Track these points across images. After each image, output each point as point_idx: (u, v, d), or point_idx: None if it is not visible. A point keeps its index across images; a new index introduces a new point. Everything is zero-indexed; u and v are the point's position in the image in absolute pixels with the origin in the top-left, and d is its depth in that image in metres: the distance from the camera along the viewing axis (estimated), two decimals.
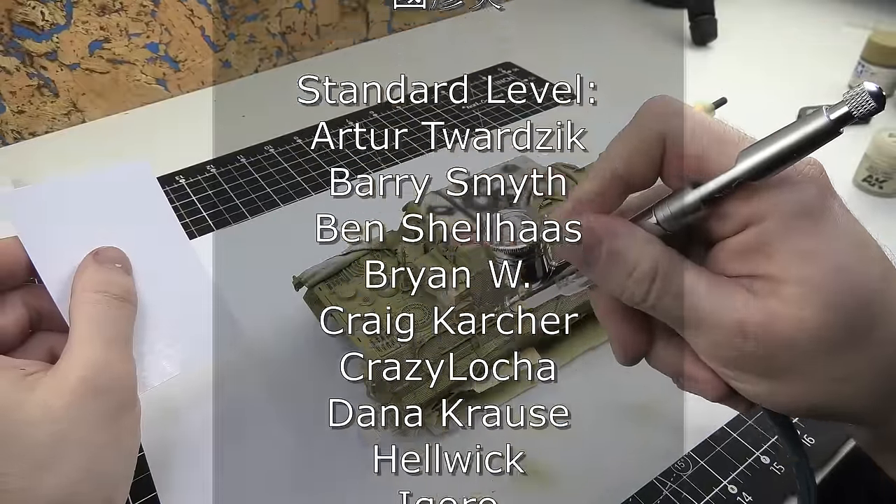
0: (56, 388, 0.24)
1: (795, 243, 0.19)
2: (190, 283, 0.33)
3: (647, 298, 0.21)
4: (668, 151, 0.21)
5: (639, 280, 0.21)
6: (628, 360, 0.24)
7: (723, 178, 0.20)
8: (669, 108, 0.21)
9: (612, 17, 0.90)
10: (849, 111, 0.18)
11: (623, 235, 0.21)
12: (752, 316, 0.20)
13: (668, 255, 0.21)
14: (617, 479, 0.34)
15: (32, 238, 0.28)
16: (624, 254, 0.21)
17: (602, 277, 0.22)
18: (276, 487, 0.35)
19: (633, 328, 0.23)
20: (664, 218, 0.21)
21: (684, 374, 0.23)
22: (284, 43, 0.79)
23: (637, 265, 0.21)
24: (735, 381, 0.21)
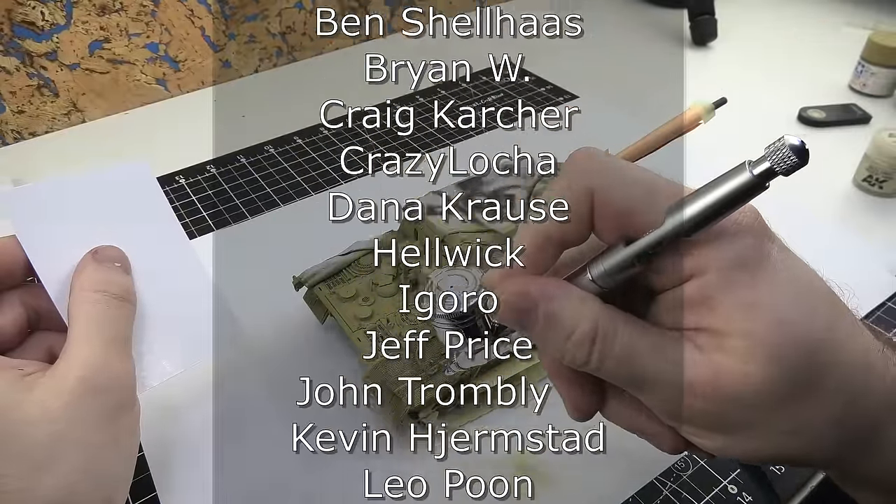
0: (54, 388, 0.24)
1: (736, 296, 0.19)
2: (189, 282, 0.33)
3: (590, 361, 0.20)
4: (596, 207, 0.20)
5: (578, 343, 0.20)
6: (581, 417, 0.24)
7: (652, 237, 0.19)
8: (594, 161, 0.21)
9: (612, 17, 0.90)
10: (770, 167, 0.17)
11: (558, 297, 0.20)
12: (698, 374, 0.19)
13: (606, 313, 0.20)
14: (617, 479, 0.34)
15: (30, 237, 0.28)
16: (561, 316, 0.20)
17: (541, 340, 0.21)
18: (276, 487, 0.35)
19: (582, 387, 0.23)
20: (599, 275, 0.21)
21: (638, 430, 0.23)
22: (284, 43, 0.79)
23: (575, 327, 0.20)
24: (690, 435, 0.21)
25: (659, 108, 0.56)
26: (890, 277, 0.45)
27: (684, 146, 0.51)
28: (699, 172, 0.23)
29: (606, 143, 0.48)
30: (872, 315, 0.43)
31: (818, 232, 0.50)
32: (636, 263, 0.20)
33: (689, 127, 0.47)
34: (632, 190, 0.20)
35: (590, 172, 0.20)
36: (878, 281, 0.45)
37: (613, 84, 0.73)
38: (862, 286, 0.42)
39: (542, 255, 0.21)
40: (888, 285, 0.45)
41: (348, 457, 0.36)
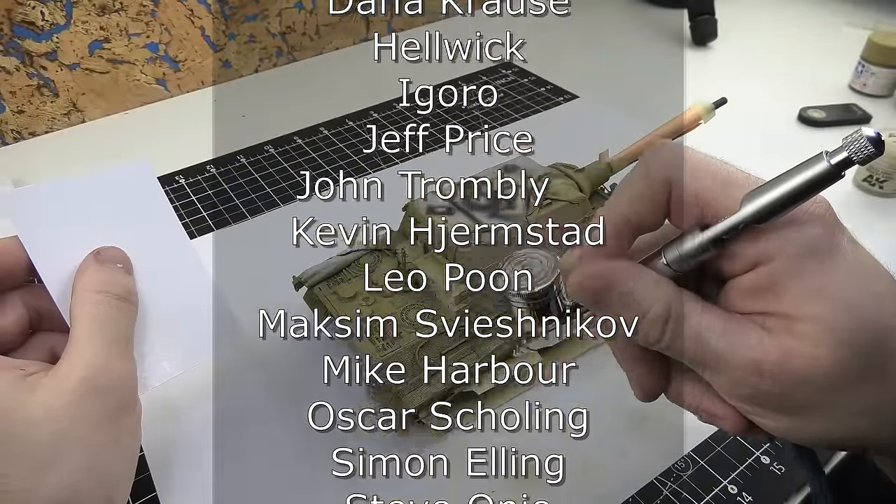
0: (56, 389, 0.24)
1: (805, 282, 0.20)
2: (190, 283, 0.33)
3: (662, 339, 0.21)
4: (674, 195, 0.22)
5: (652, 322, 0.21)
6: (646, 397, 0.24)
7: (729, 222, 0.20)
8: (674, 154, 0.22)
9: (612, 17, 0.90)
10: (848, 156, 0.18)
11: (634, 279, 0.21)
12: (767, 354, 0.20)
13: (679, 296, 0.21)
14: (617, 479, 0.34)
15: (33, 238, 0.28)
16: (636, 297, 0.21)
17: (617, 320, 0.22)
18: (276, 487, 0.35)
19: (649, 367, 0.24)
20: (673, 259, 0.22)
21: (703, 410, 0.23)
22: (284, 43, 0.79)
23: (650, 307, 0.21)
24: (755, 416, 0.22)
25: (659, 108, 0.56)
26: None
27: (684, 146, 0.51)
28: None
29: (606, 143, 0.49)
30: None
31: None
32: (710, 248, 0.21)
33: (689, 127, 0.47)
34: (708, 180, 0.21)
35: (669, 162, 0.22)
36: None
37: (613, 84, 0.73)
38: None
39: (619, 239, 0.22)
40: None
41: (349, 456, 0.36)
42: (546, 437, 0.36)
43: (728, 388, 0.21)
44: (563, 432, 0.37)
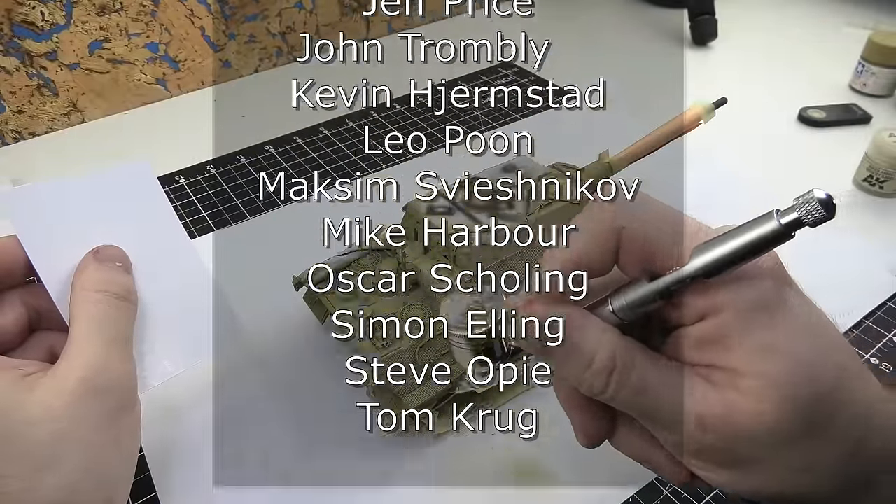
0: (56, 389, 0.24)
1: (753, 337, 0.20)
2: (190, 282, 0.33)
3: (606, 391, 0.21)
4: (623, 242, 0.21)
5: (597, 372, 0.21)
6: (590, 444, 0.24)
7: (677, 275, 0.20)
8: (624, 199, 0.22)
9: (612, 17, 0.90)
10: (798, 217, 0.18)
11: (580, 327, 0.21)
12: (711, 408, 0.20)
13: (625, 345, 0.21)
14: (617, 479, 0.34)
15: (31, 237, 0.28)
16: (581, 345, 0.21)
17: (560, 368, 0.22)
18: (276, 487, 0.35)
19: (593, 415, 0.23)
20: (620, 308, 0.21)
21: (647, 461, 0.23)
22: (284, 43, 0.79)
23: (594, 357, 0.21)
24: (698, 469, 0.21)
25: (659, 108, 0.56)
26: (890, 277, 0.45)
27: (684, 146, 0.51)
28: (699, 172, 0.23)
29: (606, 143, 0.49)
30: (873, 315, 0.43)
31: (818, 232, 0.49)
32: (658, 299, 0.20)
33: (689, 127, 0.47)
34: (658, 228, 0.21)
35: (620, 208, 0.21)
36: (878, 281, 0.45)
37: (613, 84, 0.73)
38: (862, 286, 0.42)
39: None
40: (888, 285, 0.45)
41: (349, 456, 0.36)
42: (546, 436, 0.36)
43: (671, 441, 0.21)
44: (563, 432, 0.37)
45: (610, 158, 0.46)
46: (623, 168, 0.46)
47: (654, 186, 0.59)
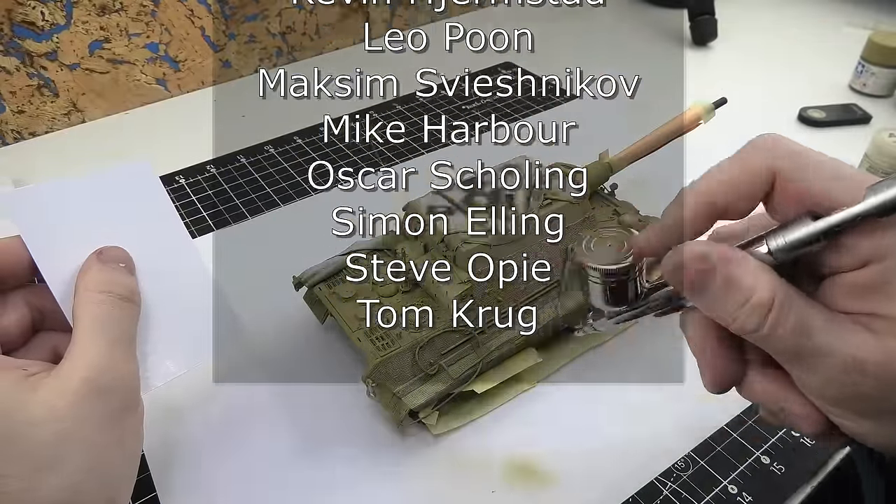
0: (59, 389, 0.24)
1: None
2: (193, 283, 0.33)
3: (761, 328, 0.20)
4: (778, 185, 0.21)
5: (754, 308, 0.20)
6: (719, 388, 0.24)
7: (850, 212, 0.19)
8: (780, 145, 0.22)
9: (612, 17, 0.90)
10: None
11: (739, 263, 0.21)
12: (871, 354, 0.19)
13: (783, 284, 0.20)
14: (617, 479, 0.34)
15: (35, 237, 0.28)
16: (740, 281, 0.20)
17: (712, 305, 0.21)
18: (276, 487, 0.35)
19: (728, 357, 0.23)
20: (778, 248, 0.21)
21: (781, 407, 0.23)
22: (284, 43, 0.79)
23: (752, 293, 0.20)
24: (838, 417, 0.21)
25: (659, 108, 0.56)
26: None
27: (684, 146, 0.51)
28: (699, 173, 0.24)
29: (606, 143, 0.49)
30: None
31: None
32: (821, 238, 0.20)
33: (689, 127, 0.47)
34: (820, 171, 0.21)
35: (775, 153, 0.22)
36: None
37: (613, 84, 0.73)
38: None
39: (700, 222, 0.22)
40: None
41: (349, 456, 0.36)
42: (546, 437, 0.37)
43: (819, 386, 0.21)
44: (563, 432, 0.37)
45: (610, 158, 0.46)
46: (623, 168, 0.46)
47: (655, 186, 0.60)
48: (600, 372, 0.40)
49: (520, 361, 0.38)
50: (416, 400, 0.35)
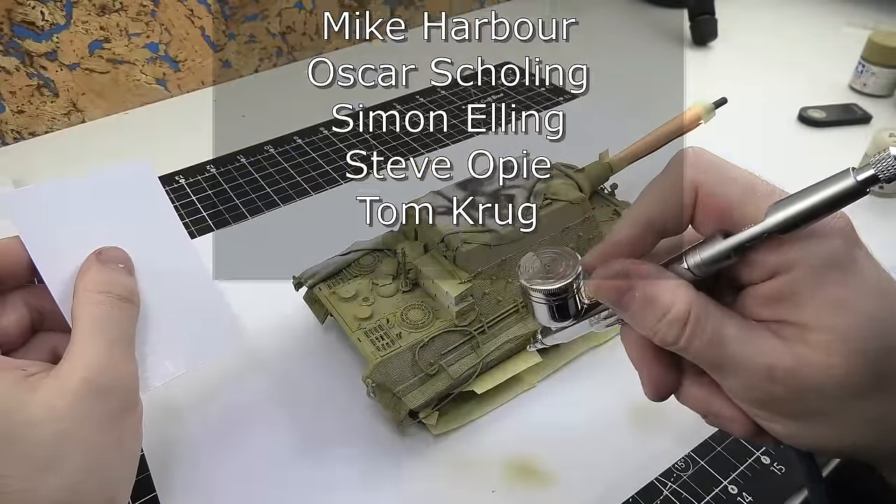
0: (58, 389, 0.24)
1: (825, 293, 0.20)
2: (192, 283, 0.33)
3: (679, 341, 0.22)
4: (700, 200, 0.22)
5: (671, 323, 0.21)
6: (657, 397, 0.25)
7: (754, 230, 0.21)
8: (702, 158, 0.22)
9: (612, 17, 0.90)
10: (875, 174, 0.19)
11: (656, 280, 0.22)
12: (780, 360, 0.20)
13: (699, 298, 0.22)
14: (617, 479, 0.34)
15: (34, 238, 0.28)
16: (658, 297, 0.22)
17: (635, 319, 0.23)
18: (276, 487, 0.35)
19: (662, 367, 0.24)
20: (695, 264, 0.22)
21: (712, 412, 0.24)
22: (284, 43, 0.79)
23: (670, 308, 0.21)
24: (763, 420, 0.22)
25: (659, 108, 0.56)
26: None
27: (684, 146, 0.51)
28: None
29: (606, 143, 0.49)
30: None
31: None
32: (732, 255, 0.21)
33: (689, 127, 0.47)
34: (734, 187, 0.22)
35: (697, 166, 0.22)
36: None
37: (613, 84, 0.73)
38: None
39: (642, 240, 0.23)
40: None
41: (349, 456, 0.36)
42: (546, 437, 0.37)
43: (740, 392, 0.22)
44: (563, 433, 0.37)
45: (610, 158, 0.46)
46: (623, 168, 0.46)
47: None
48: (600, 372, 0.40)
49: (520, 361, 0.38)
50: (416, 400, 0.35)
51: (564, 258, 0.25)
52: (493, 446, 0.36)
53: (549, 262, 0.25)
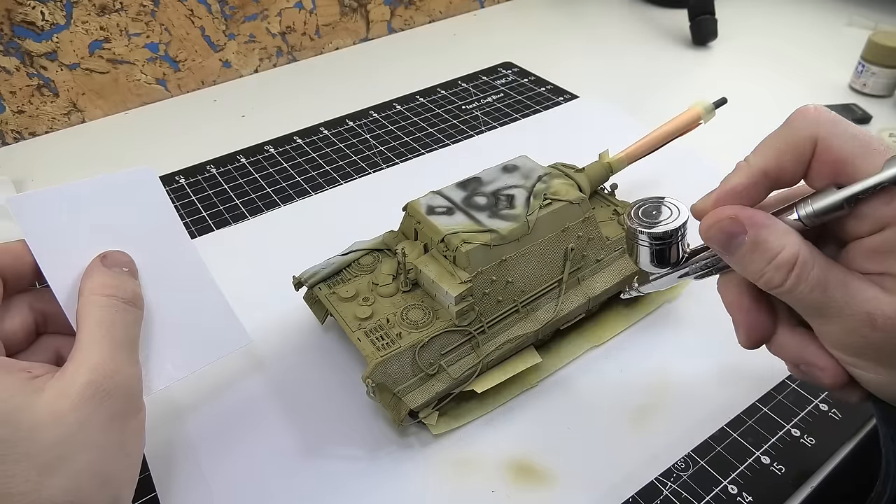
0: (63, 391, 0.24)
1: None
2: (195, 287, 0.33)
3: (784, 284, 0.23)
4: (817, 154, 0.23)
5: (779, 266, 0.23)
6: (751, 343, 0.26)
7: (869, 181, 0.22)
8: (822, 115, 0.23)
9: (612, 17, 0.90)
10: None
11: (767, 226, 0.23)
12: (882, 308, 0.22)
13: (807, 246, 0.23)
14: (617, 479, 0.34)
15: (39, 241, 0.28)
16: (767, 241, 0.23)
17: (742, 262, 0.24)
18: (276, 487, 0.35)
19: (759, 314, 0.26)
20: (806, 215, 0.23)
21: (805, 360, 0.25)
22: (284, 43, 0.79)
23: (778, 252, 0.23)
24: (856, 368, 0.23)
25: (659, 108, 0.56)
26: None
27: (684, 146, 0.51)
28: (699, 172, 0.24)
29: (606, 143, 0.49)
30: None
31: None
32: (844, 206, 0.22)
33: (689, 127, 0.47)
34: (852, 143, 0.23)
35: (817, 122, 0.23)
36: None
37: (613, 84, 0.73)
38: None
39: (755, 190, 0.24)
40: None
41: (349, 456, 0.36)
42: (546, 436, 0.37)
43: (837, 338, 0.23)
44: (563, 432, 0.37)
45: (610, 158, 0.46)
46: (623, 168, 0.46)
47: (654, 186, 0.60)
48: (600, 372, 0.40)
49: (520, 361, 0.38)
50: (416, 400, 0.35)
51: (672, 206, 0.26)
52: (493, 446, 0.36)
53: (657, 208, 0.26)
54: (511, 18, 0.91)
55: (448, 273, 0.36)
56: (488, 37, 0.86)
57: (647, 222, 0.26)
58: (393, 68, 0.78)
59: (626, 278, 0.41)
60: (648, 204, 0.27)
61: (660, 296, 0.44)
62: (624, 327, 0.42)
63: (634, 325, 0.43)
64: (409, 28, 0.88)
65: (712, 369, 0.40)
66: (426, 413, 0.36)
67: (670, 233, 0.26)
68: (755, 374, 0.39)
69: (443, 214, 0.38)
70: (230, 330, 0.34)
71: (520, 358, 0.38)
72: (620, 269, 0.41)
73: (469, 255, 0.36)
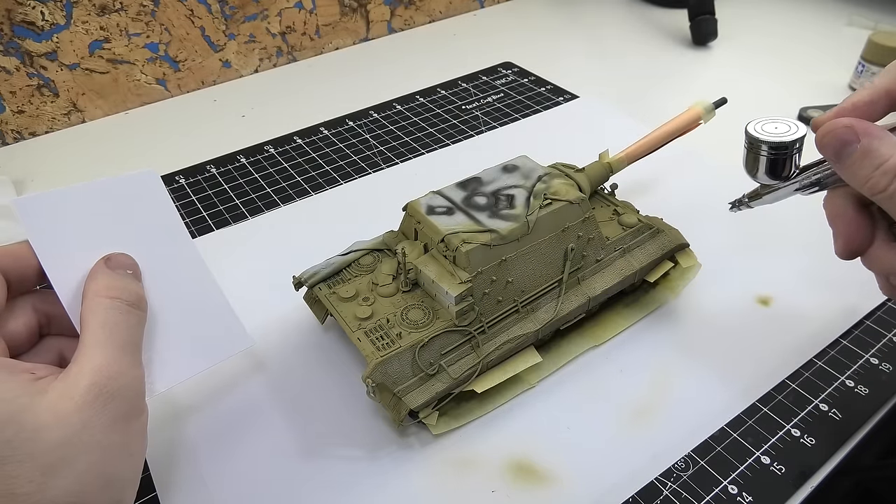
0: (66, 393, 0.24)
1: None
2: (197, 290, 0.33)
3: (888, 189, 0.25)
4: None
5: (886, 171, 0.25)
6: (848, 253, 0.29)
7: None
8: None
9: (612, 17, 0.90)
10: None
11: (879, 137, 0.25)
12: None
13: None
14: (617, 479, 0.34)
15: (43, 243, 0.28)
16: (877, 149, 0.25)
17: (851, 169, 0.26)
18: (276, 487, 0.35)
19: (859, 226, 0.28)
20: None
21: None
22: (284, 43, 0.79)
23: (887, 159, 0.25)
24: None
25: (659, 108, 0.56)
26: None
27: (684, 146, 0.51)
28: (699, 172, 0.24)
29: (606, 143, 0.49)
30: (873, 315, 0.43)
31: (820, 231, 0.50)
32: None
33: (689, 127, 0.47)
34: None
35: None
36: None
37: (613, 84, 0.73)
38: (863, 285, 0.42)
39: (874, 108, 0.27)
40: None
41: (349, 456, 0.36)
42: (546, 436, 0.37)
43: None
44: (563, 432, 0.37)
45: (610, 158, 0.46)
46: (623, 168, 0.46)
47: (654, 186, 0.60)
48: (600, 372, 0.40)
49: (520, 361, 0.38)
50: (416, 400, 0.35)
51: (790, 123, 0.29)
52: (493, 446, 0.36)
53: (778, 123, 0.29)
54: (511, 18, 0.91)
55: (448, 273, 0.37)
56: (488, 37, 0.86)
57: (768, 134, 0.28)
58: (393, 68, 0.78)
59: (626, 278, 0.41)
60: (769, 121, 0.29)
61: (660, 296, 0.44)
62: (624, 327, 0.42)
63: (634, 325, 0.43)
64: (409, 28, 0.88)
65: (712, 369, 0.40)
66: (426, 413, 0.36)
67: (789, 143, 0.28)
68: (755, 374, 0.39)
69: (443, 214, 0.38)
70: (233, 332, 0.34)
71: (520, 358, 0.38)
72: (620, 269, 0.41)
73: (469, 255, 0.36)
